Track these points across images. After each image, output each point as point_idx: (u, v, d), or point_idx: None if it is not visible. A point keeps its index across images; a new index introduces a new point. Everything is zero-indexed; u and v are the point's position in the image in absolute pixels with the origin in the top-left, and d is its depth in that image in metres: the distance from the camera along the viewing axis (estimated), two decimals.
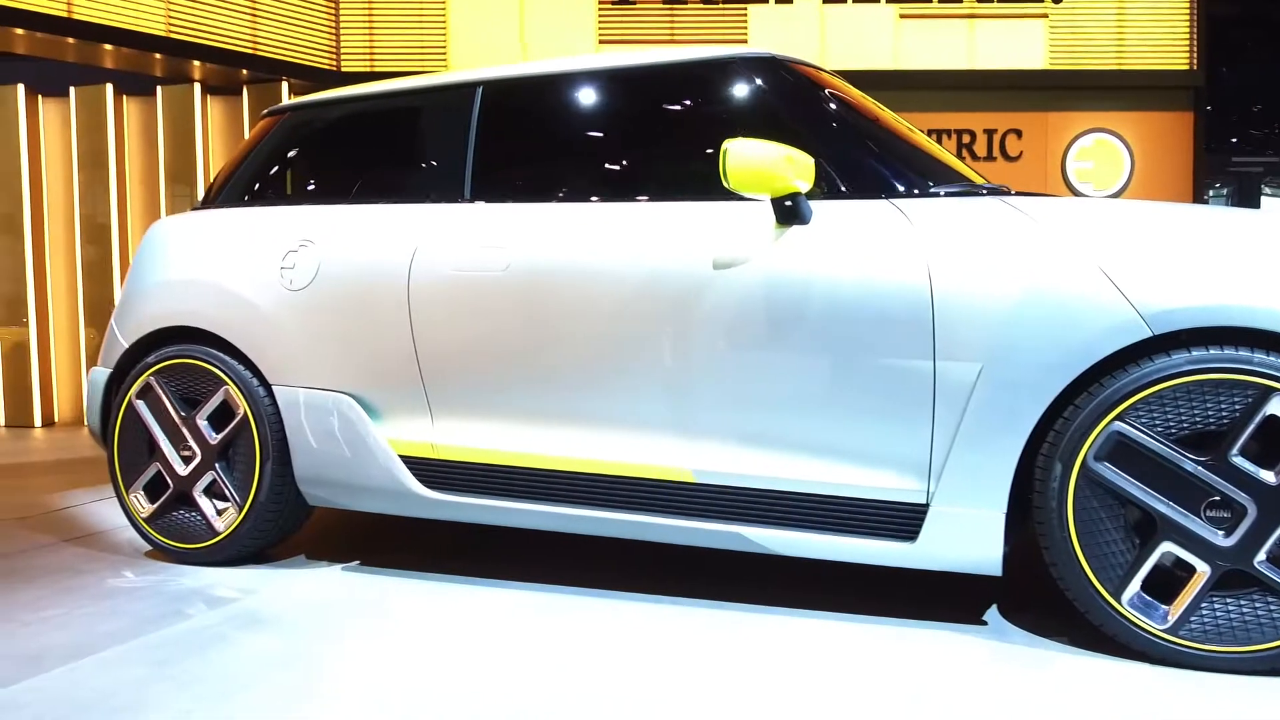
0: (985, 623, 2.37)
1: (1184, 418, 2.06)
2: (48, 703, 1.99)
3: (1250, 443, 2.02)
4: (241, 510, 2.94)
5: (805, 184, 2.24)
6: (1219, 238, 2.13)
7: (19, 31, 6.44)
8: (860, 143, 2.46)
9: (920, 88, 7.61)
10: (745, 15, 7.66)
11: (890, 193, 2.31)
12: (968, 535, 2.18)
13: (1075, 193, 7.77)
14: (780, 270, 2.30)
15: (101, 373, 3.28)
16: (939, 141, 7.74)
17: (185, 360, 3.05)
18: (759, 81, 2.54)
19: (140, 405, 3.10)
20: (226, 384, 2.98)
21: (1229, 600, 2.05)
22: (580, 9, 7.70)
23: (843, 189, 2.34)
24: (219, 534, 2.97)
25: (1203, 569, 2.05)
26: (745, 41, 7.60)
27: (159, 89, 7.50)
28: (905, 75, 7.61)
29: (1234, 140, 13.77)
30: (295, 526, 3.08)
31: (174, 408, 3.06)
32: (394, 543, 3.28)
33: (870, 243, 2.24)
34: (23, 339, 7.38)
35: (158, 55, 7.04)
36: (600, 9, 7.66)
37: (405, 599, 2.65)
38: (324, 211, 2.99)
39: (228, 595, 2.72)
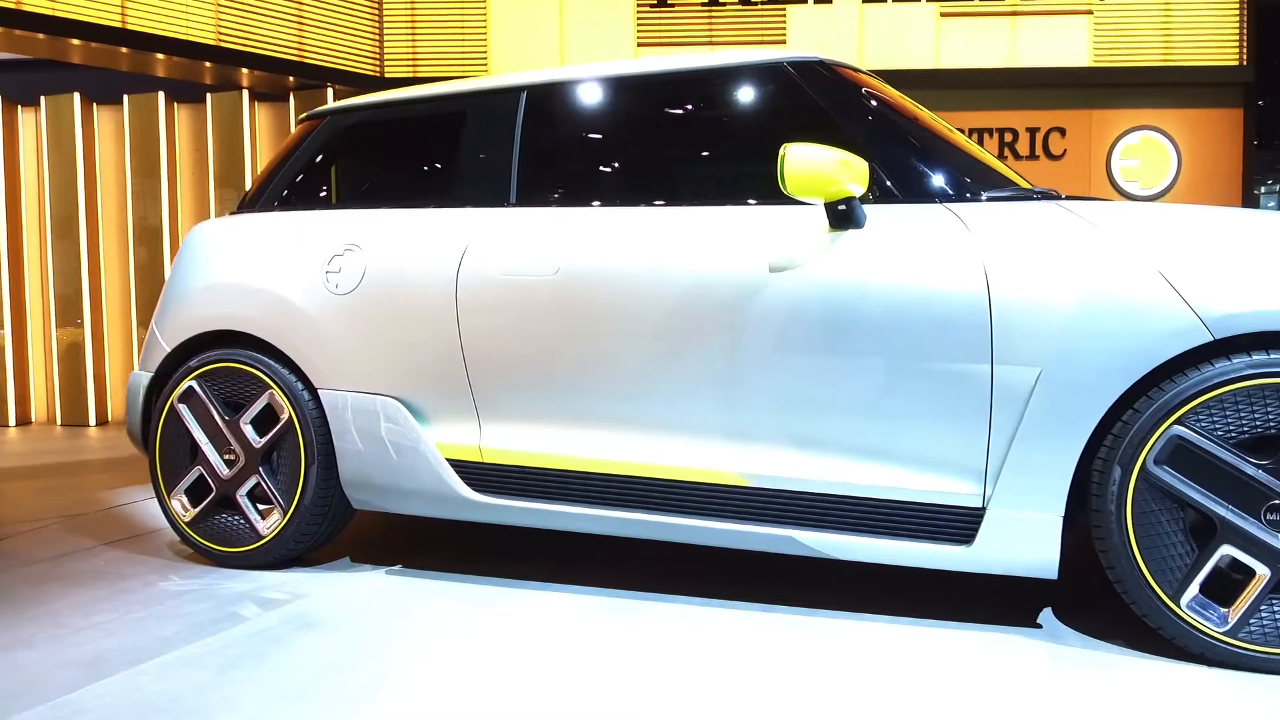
0: (1040, 625, 2.38)
1: (1244, 422, 2.06)
2: (114, 709, 1.99)
3: None
4: (286, 514, 2.93)
5: (859, 188, 2.26)
6: (1278, 243, 2.13)
7: (75, 42, 6.63)
8: (911, 146, 2.47)
9: (961, 87, 7.55)
10: (784, 15, 7.65)
11: (944, 197, 2.33)
12: (1025, 539, 2.19)
13: (1120, 192, 7.67)
14: (835, 274, 2.31)
15: (142, 376, 3.27)
16: (980, 141, 7.68)
17: (229, 364, 3.05)
18: (806, 85, 2.55)
19: (182, 409, 3.09)
20: (271, 388, 2.98)
21: None
22: (619, 11, 7.74)
23: (895, 193, 2.35)
24: (263, 538, 2.96)
25: (1263, 572, 2.05)
26: (784, 43, 7.59)
27: (209, 96, 7.68)
28: (946, 74, 7.56)
29: None
30: (338, 530, 3.08)
31: (217, 411, 3.05)
32: (433, 545, 3.30)
33: (926, 247, 2.26)
34: (78, 339, 7.59)
35: (208, 64, 7.21)
36: (639, 11, 7.69)
37: (456, 601, 2.66)
38: (369, 216, 3.00)
39: (278, 598, 2.72)
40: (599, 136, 2.94)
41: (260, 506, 3.00)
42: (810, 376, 2.32)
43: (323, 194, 3.32)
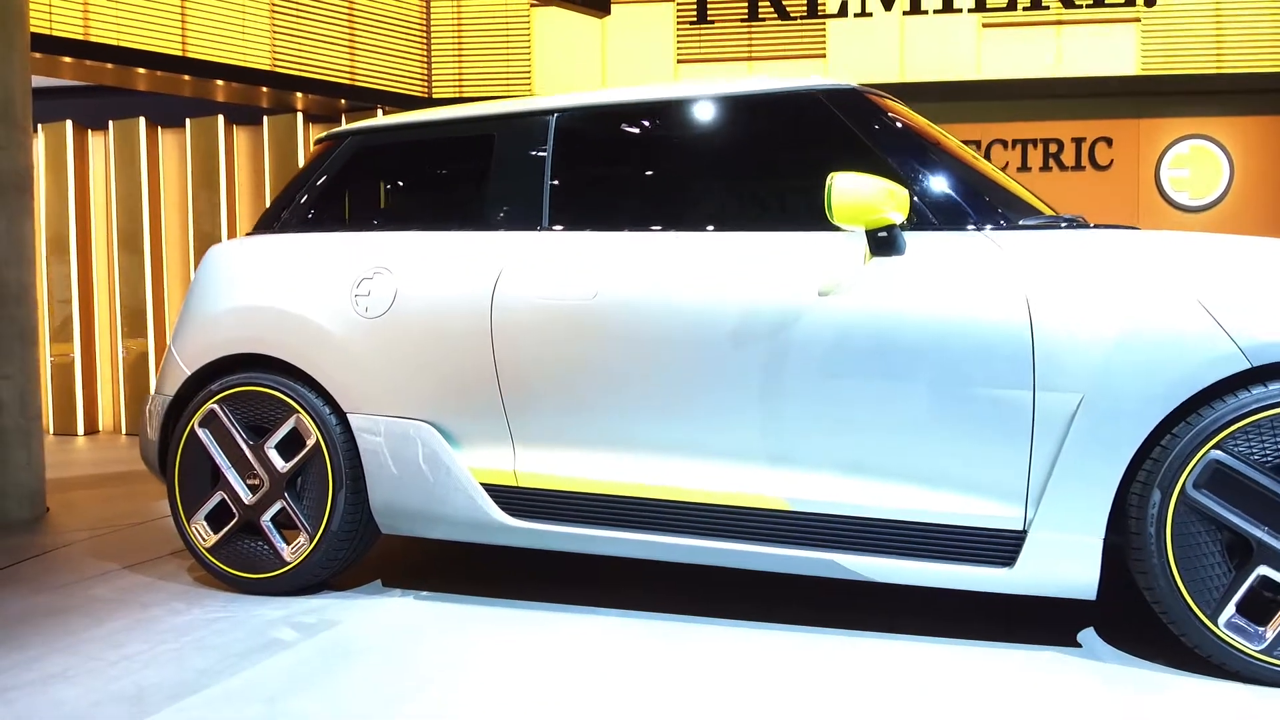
0: (1080, 644, 2.44)
1: None
2: None
3: None
4: (313, 539, 2.89)
5: (900, 216, 2.33)
6: None
7: (140, 70, 6.94)
8: (946, 174, 2.53)
9: (1004, 97, 7.51)
10: (824, 30, 7.69)
11: (981, 224, 2.40)
12: (1065, 561, 2.25)
13: (1170, 202, 7.55)
14: (876, 300, 2.37)
15: (161, 400, 3.21)
16: (1024, 153, 7.66)
17: (253, 388, 3.00)
18: (839, 113, 2.60)
19: (203, 433, 3.04)
20: (297, 411, 2.94)
21: None
22: (659, 30, 7.85)
23: (933, 220, 2.42)
24: (288, 564, 2.93)
25: None
26: (824, 56, 7.64)
27: (265, 119, 8.00)
28: (989, 85, 7.52)
29: None
30: (362, 554, 3.05)
31: (240, 435, 3.00)
32: (459, 567, 3.31)
33: (966, 274, 2.33)
34: (143, 351, 7.91)
35: (264, 89, 7.49)
36: (679, 29, 7.80)
37: (496, 626, 2.67)
38: (398, 238, 2.97)
39: (312, 624, 2.70)
40: (632, 161, 2.99)
41: (284, 532, 2.98)
42: (853, 401, 2.38)
43: (345, 215, 3.32)
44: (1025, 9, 7.56)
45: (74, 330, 7.99)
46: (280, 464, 2.96)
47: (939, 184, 2.48)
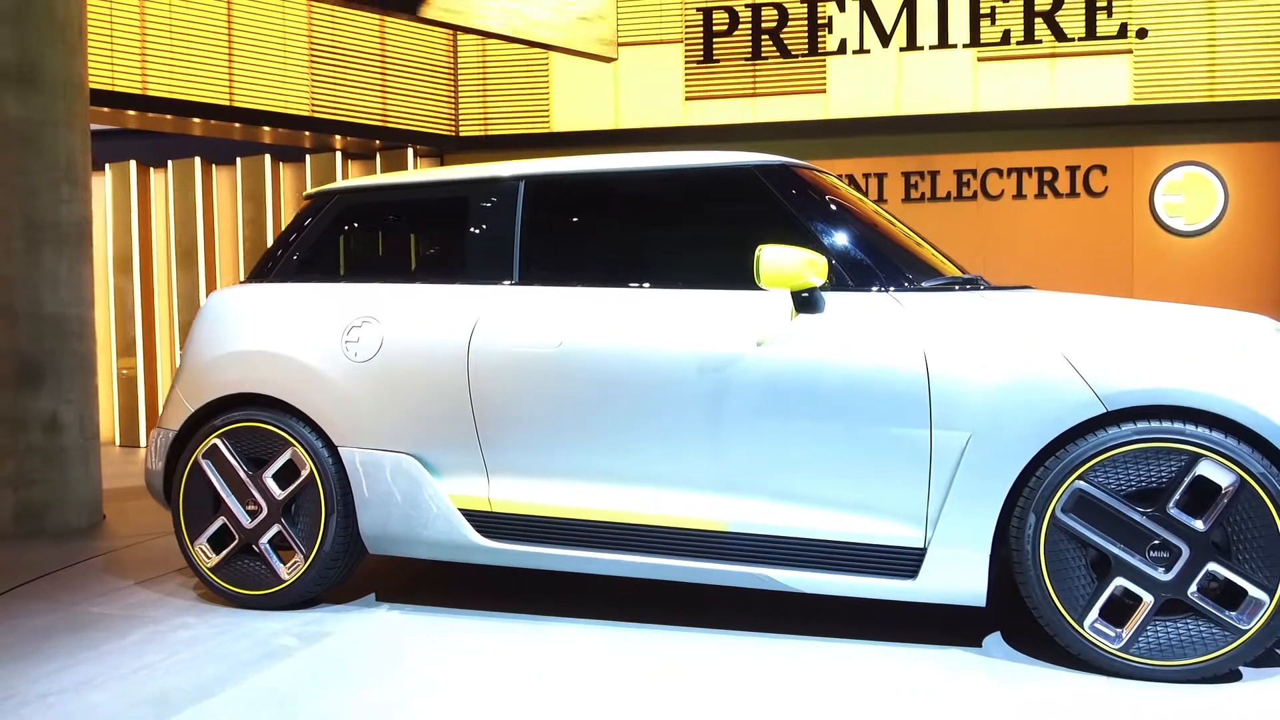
0: (981, 645, 2.85)
1: (1132, 477, 2.53)
2: None
3: (1184, 497, 2.50)
4: (308, 559, 3.19)
5: (820, 280, 2.72)
6: (1161, 330, 2.62)
7: (196, 120, 7.62)
8: (862, 242, 2.94)
9: (1000, 128, 7.79)
10: (824, 67, 8.05)
11: (887, 286, 2.81)
12: (959, 573, 2.67)
13: (1165, 228, 7.71)
14: (799, 351, 2.76)
15: (166, 434, 3.49)
16: (1020, 181, 7.94)
17: (252, 424, 3.30)
18: (771, 186, 2.98)
19: (206, 464, 3.33)
20: (293, 445, 3.23)
21: (1169, 623, 2.52)
22: (668, 70, 8.29)
23: (849, 282, 2.82)
24: (284, 581, 3.22)
25: (1148, 599, 2.52)
26: (824, 92, 8.02)
27: (307, 157, 8.65)
28: (985, 117, 7.80)
29: None
30: (352, 573, 3.35)
31: (240, 466, 3.29)
32: (443, 583, 3.64)
33: (874, 329, 2.74)
34: None
35: (306, 132, 8.11)
36: (687, 68, 8.24)
37: (480, 636, 2.98)
38: (383, 290, 3.28)
39: (310, 634, 2.98)
40: (591, 223, 3.36)
41: (281, 553, 3.26)
42: (781, 438, 2.78)
43: (334, 267, 3.60)
44: (1019, 43, 7.83)
45: (138, 348, 8.76)
46: (277, 492, 3.25)
47: (854, 250, 2.90)
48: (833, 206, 3.04)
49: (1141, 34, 7.67)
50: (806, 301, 2.80)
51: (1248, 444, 2.47)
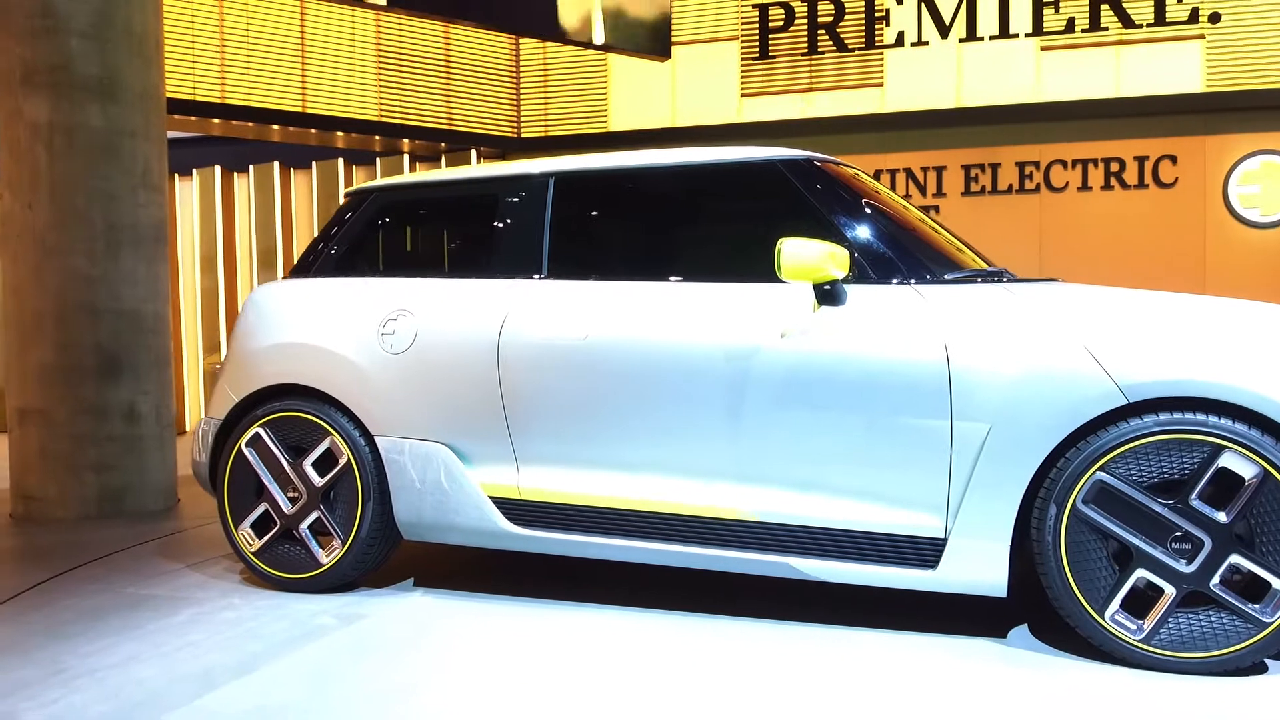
0: (1005, 636, 2.86)
1: (1154, 469, 2.51)
2: (239, 714, 2.33)
3: (1206, 489, 2.48)
4: (345, 544, 3.30)
5: (841, 273, 2.76)
6: (1182, 322, 2.59)
7: (274, 127, 7.98)
8: (885, 235, 2.96)
9: (1065, 118, 7.62)
10: (882, 60, 8.00)
11: (908, 279, 2.83)
12: (979, 564, 2.68)
13: (1239, 219, 7.47)
14: (822, 343, 2.80)
15: (212, 423, 3.63)
16: (1085, 172, 7.76)
17: (292, 414, 3.41)
18: (795, 180, 3.03)
19: (249, 452, 3.45)
20: (331, 434, 3.35)
21: (1191, 615, 2.50)
22: (724, 65, 8.34)
23: (871, 275, 2.85)
24: (322, 565, 3.33)
25: (1170, 590, 2.50)
26: (881, 85, 7.98)
27: (378, 160, 8.98)
28: (1049, 107, 7.66)
29: None
30: (387, 558, 3.45)
31: (282, 455, 3.41)
32: (473, 568, 3.73)
33: (896, 321, 2.77)
34: None
35: (376, 136, 8.41)
36: (743, 65, 8.28)
37: (507, 619, 3.08)
38: (418, 284, 3.39)
39: (347, 615, 3.10)
40: (619, 219, 3.43)
41: (320, 538, 3.38)
42: (803, 429, 2.83)
43: (371, 262, 3.71)
44: (1084, 30, 7.65)
45: (221, 342, 9.21)
46: (316, 479, 3.37)
47: (877, 244, 2.92)
48: (856, 200, 3.07)
49: (1214, 19, 7.43)
50: (828, 294, 2.83)
51: (1271, 436, 2.43)
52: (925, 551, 2.75)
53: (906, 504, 2.75)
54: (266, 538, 3.43)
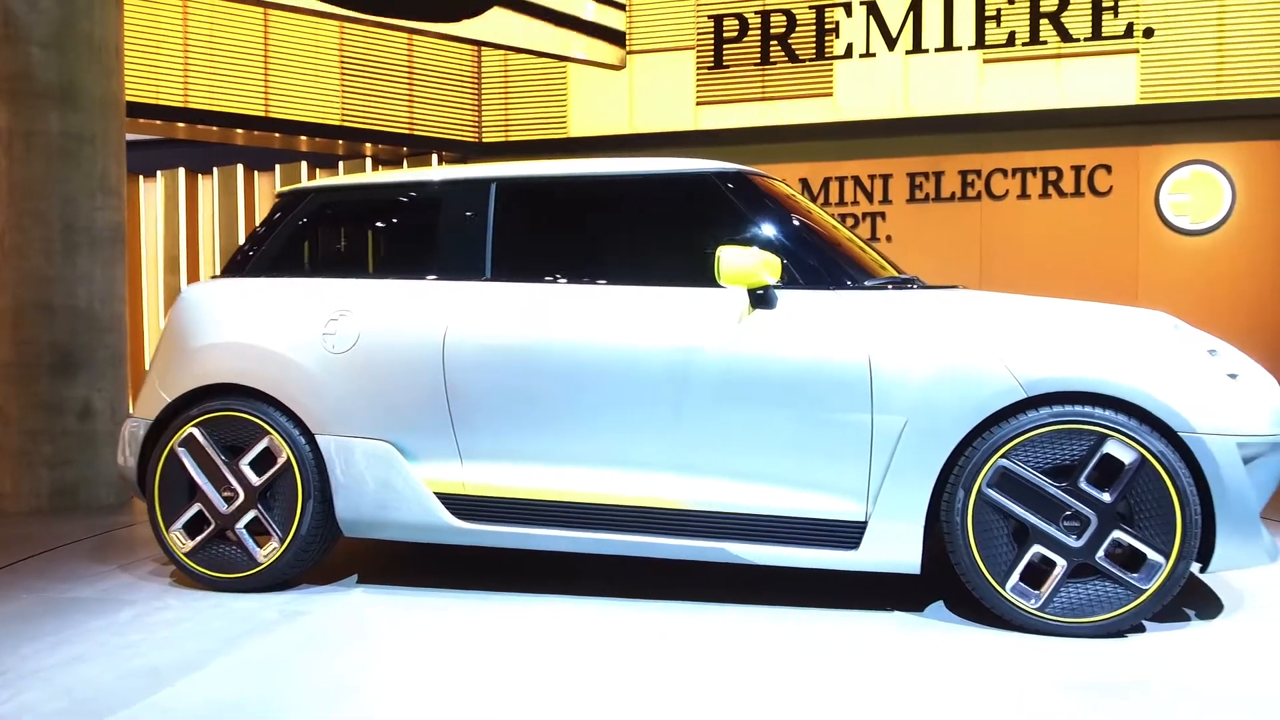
0: (923, 610, 3.14)
1: (1049, 455, 2.81)
2: (191, 709, 2.35)
3: (1093, 472, 2.79)
4: (284, 543, 3.32)
5: (774, 279, 3.00)
6: (1074, 325, 2.90)
7: (238, 131, 8.12)
8: (812, 245, 3.21)
9: (1005, 128, 7.91)
10: (831, 69, 8.26)
11: (833, 285, 3.08)
12: (896, 544, 2.95)
13: (1170, 226, 7.76)
14: (754, 343, 3.01)
15: (141, 424, 3.57)
16: (1025, 180, 8.09)
17: (228, 413, 3.42)
18: (729, 191, 3.25)
19: (182, 453, 3.42)
20: (270, 433, 3.36)
21: (1080, 585, 2.82)
22: (680, 75, 8.56)
23: (799, 281, 3.09)
24: (260, 564, 3.34)
25: (1061, 563, 2.81)
26: (831, 95, 8.26)
27: (340, 164, 9.13)
28: (990, 118, 7.94)
29: None
30: (324, 556, 3.48)
31: (217, 455, 3.40)
32: (407, 563, 3.83)
33: (823, 324, 3.02)
34: None
35: (339, 141, 8.57)
36: (698, 73, 8.52)
37: (446, 614, 3.13)
38: (360, 285, 3.44)
39: (288, 613, 3.11)
40: (561, 224, 3.56)
41: (257, 537, 3.38)
42: (738, 423, 3.05)
43: (310, 262, 3.73)
44: (1024, 44, 7.94)
45: None
46: (254, 479, 3.38)
47: (804, 252, 3.16)
48: (785, 211, 3.31)
49: (1148, 33, 7.76)
50: (761, 298, 3.06)
51: (1148, 425, 2.75)
52: (848, 534, 3.00)
53: (832, 490, 3.00)
54: (200, 538, 3.42)
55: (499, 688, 2.52)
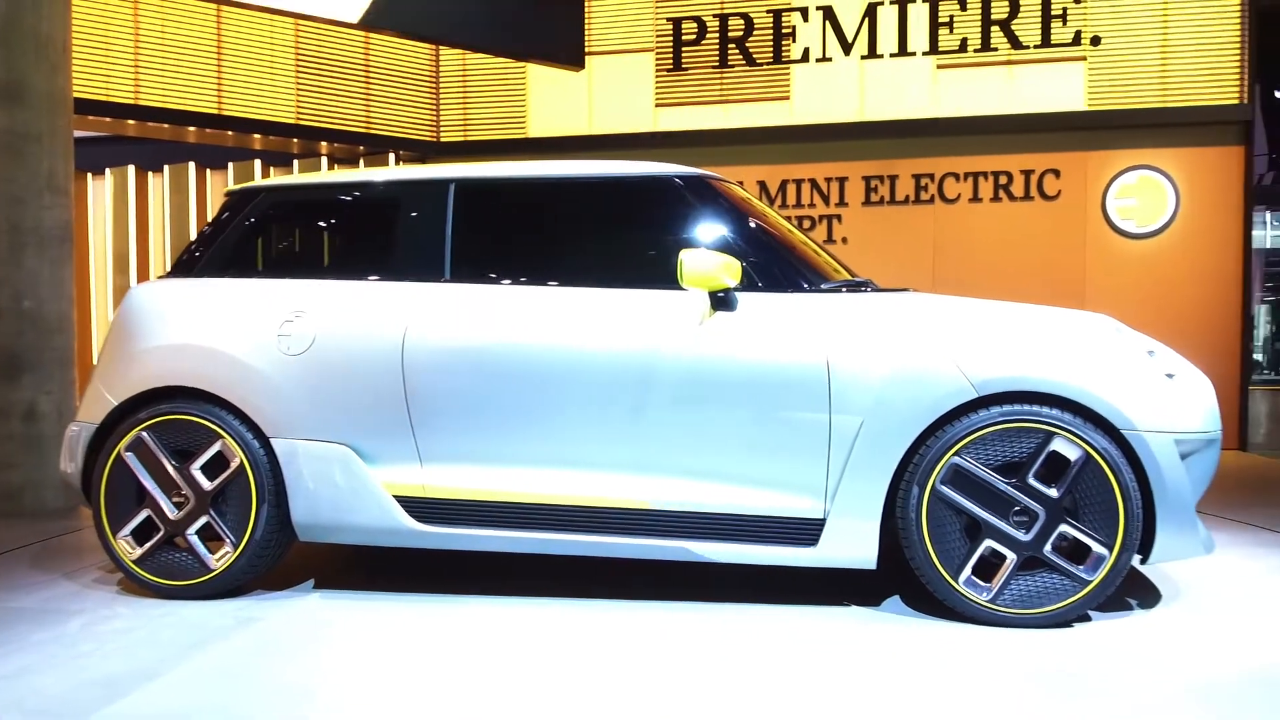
0: (879, 605, 3.22)
1: (999, 453, 2.91)
2: (155, 715, 2.30)
3: (1041, 469, 2.89)
4: (238, 548, 3.26)
5: (734, 282, 3.04)
6: (1022, 327, 3.00)
7: (190, 129, 8.00)
8: (770, 248, 3.26)
9: (958, 133, 8.10)
10: (788, 74, 8.38)
11: (791, 288, 3.14)
12: (853, 541, 3.02)
13: (1116, 230, 7.97)
14: (715, 345, 3.04)
15: (87, 427, 3.46)
16: (976, 184, 8.26)
17: (179, 416, 3.34)
18: (690, 195, 3.30)
19: (130, 457, 3.33)
20: (223, 437, 3.29)
21: (1029, 577, 2.91)
22: (640, 76, 8.62)
23: (758, 284, 3.15)
24: (213, 570, 3.27)
25: (1011, 557, 2.91)
26: (788, 99, 8.36)
27: (295, 162, 9.02)
28: (944, 122, 8.13)
29: None
30: (278, 561, 3.42)
31: (166, 459, 3.33)
32: (360, 567, 3.80)
33: (782, 326, 3.07)
34: None
35: (294, 139, 8.48)
36: (657, 76, 8.58)
37: (403, 615, 3.11)
38: (316, 285, 3.39)
39: (243, 619, 3.06)
40: (523, 226, 3.53)
41: (209, 543, 3.31)
42: (699, 423, 3.09)
43: (259, 263, 3.66)
44: (976, 50, 8.11)
45: None
46: (205, 483, 3.31)
47: (763, 255, 3.22)
48: (744, 215, 3.37)
49: (1095, 41, 7.98)
50: (722, 300, 3.11)
51: (1092, 424, 2.86)
52: (807, 531, 3.06)
53: (791, 489, 3.06)
54: (149, 545, 3.34)
55: (460, 689, 2.52)
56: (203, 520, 3.31)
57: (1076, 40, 8.03)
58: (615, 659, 2.74)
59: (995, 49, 8.15)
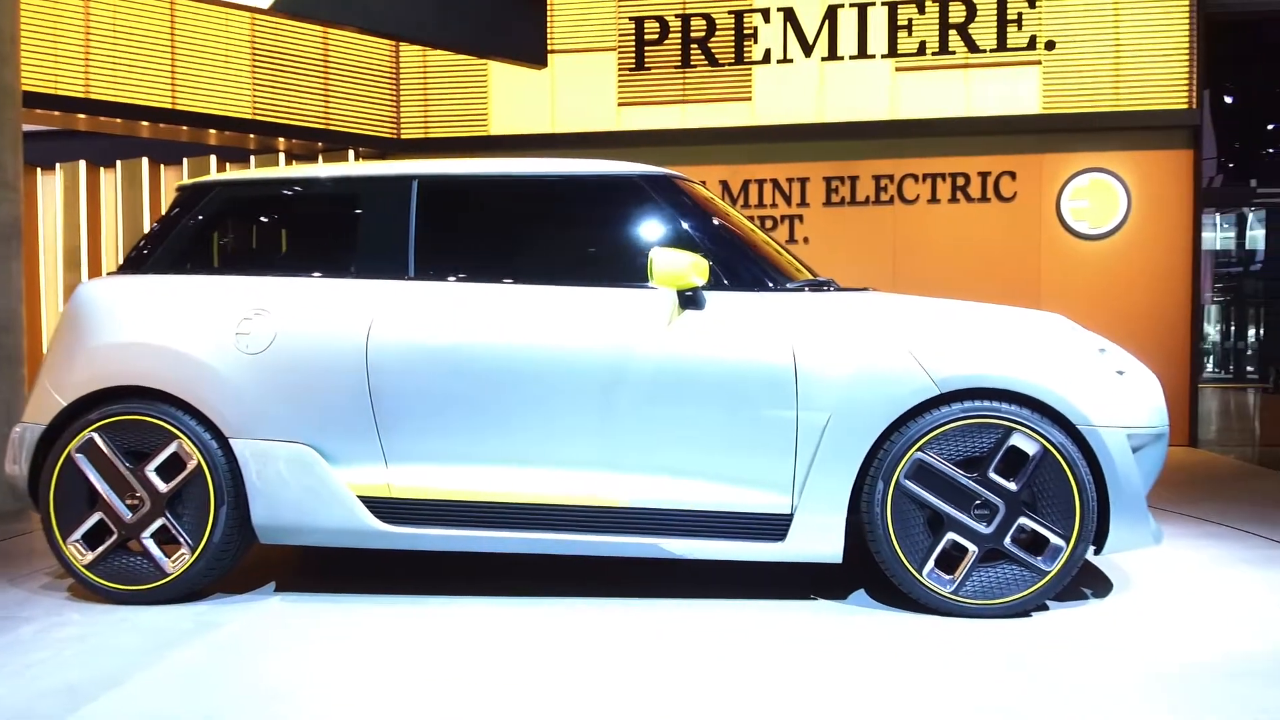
0: (846, 598, 3.27)
1: (960, 448, 2.97)
2: None
3: (1000, 464, 2.96)
4: (195, 551, 3.19)
5: (703, 280, 3.06)
6: (982, 326, 3.08)
7: (144, 123, 7.84)
8: (736, 248, 3.28)
9: (916, 135, 8.20)
10: (749, 74, 8.44)
11: (758, 287, 3.18)
12: (820, 535, 3.06)
13: (1070, 231, 8.12)
14: (684, 343, 3.07)
15: (34, 428, 3.36)
16: (934, 185, 8.37)
17: (133, 416, 3.25)
18: (656, 194, 3.31)
19: (80, 459, 3.24)
20: (179, 438, 3.21)
21: (989, 569, 2.99)
22: (602, 75, 8.62)
23: (725, 283, 3.17)
24: (169, 575, 3.19)
25: (973, 549, 2.97)
26: (750, 99, 8.43)
27: (252, 158, 8.88)
28: (902, 124, 8.23)
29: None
30: (236, 564, 3.36)
31: (119, 460, 3.23)
32: (323, 568, 3.76)
33: (749, 325, 3.10)
34: None
35: (251, 135, 8.35)
36: (620, 75, 8.59)
37: (368, 617, 3.08)
38: (275, 283, 3.32)
39: (204, 623, 3.01)
40: (488, 224, 3.51)
41: (165, 546, 3.23)
42: (668, 421, 3.10)
43: (218, 259, 3.58)
44: (934, 53, 8.23)
45: None
46: (161, 485, 3.22)
47: (730, 255, 3.24)
48: (709, 215, 3.39)
49: (1050, 46, 8.13)
50: (690, 299, 3.13)
51: (1049, 419, 2.94)
52: (775, 526, 3.09)
53: (760, 485, 3.09)
54: (101, 549, 3.25)
55: (427, 689, 2.51)
56: (159, 523, 3.23)
57: (1032, 45, 8.17)
58: (575, 657, 2.74)
59: (953, 52, 8.26)
